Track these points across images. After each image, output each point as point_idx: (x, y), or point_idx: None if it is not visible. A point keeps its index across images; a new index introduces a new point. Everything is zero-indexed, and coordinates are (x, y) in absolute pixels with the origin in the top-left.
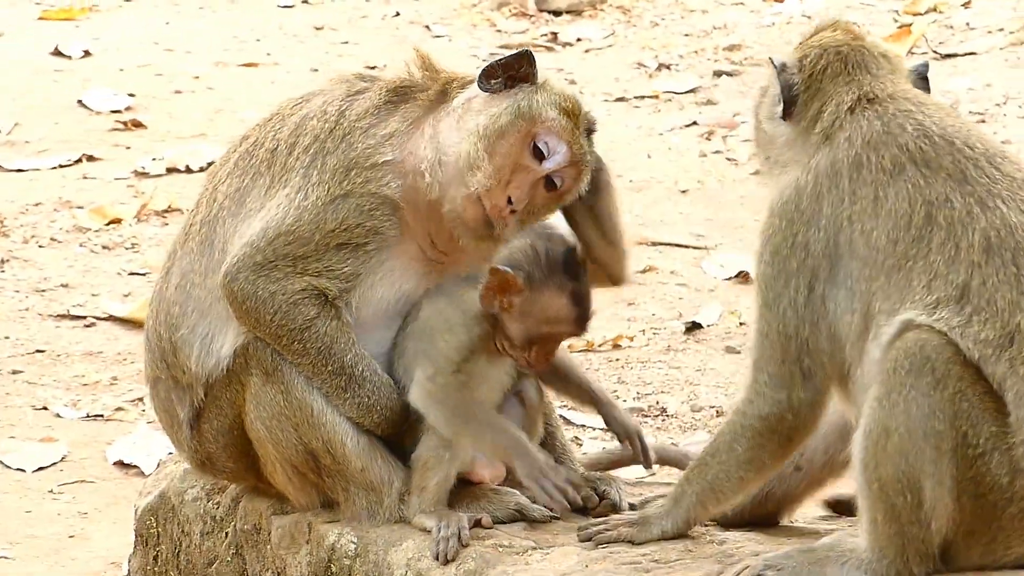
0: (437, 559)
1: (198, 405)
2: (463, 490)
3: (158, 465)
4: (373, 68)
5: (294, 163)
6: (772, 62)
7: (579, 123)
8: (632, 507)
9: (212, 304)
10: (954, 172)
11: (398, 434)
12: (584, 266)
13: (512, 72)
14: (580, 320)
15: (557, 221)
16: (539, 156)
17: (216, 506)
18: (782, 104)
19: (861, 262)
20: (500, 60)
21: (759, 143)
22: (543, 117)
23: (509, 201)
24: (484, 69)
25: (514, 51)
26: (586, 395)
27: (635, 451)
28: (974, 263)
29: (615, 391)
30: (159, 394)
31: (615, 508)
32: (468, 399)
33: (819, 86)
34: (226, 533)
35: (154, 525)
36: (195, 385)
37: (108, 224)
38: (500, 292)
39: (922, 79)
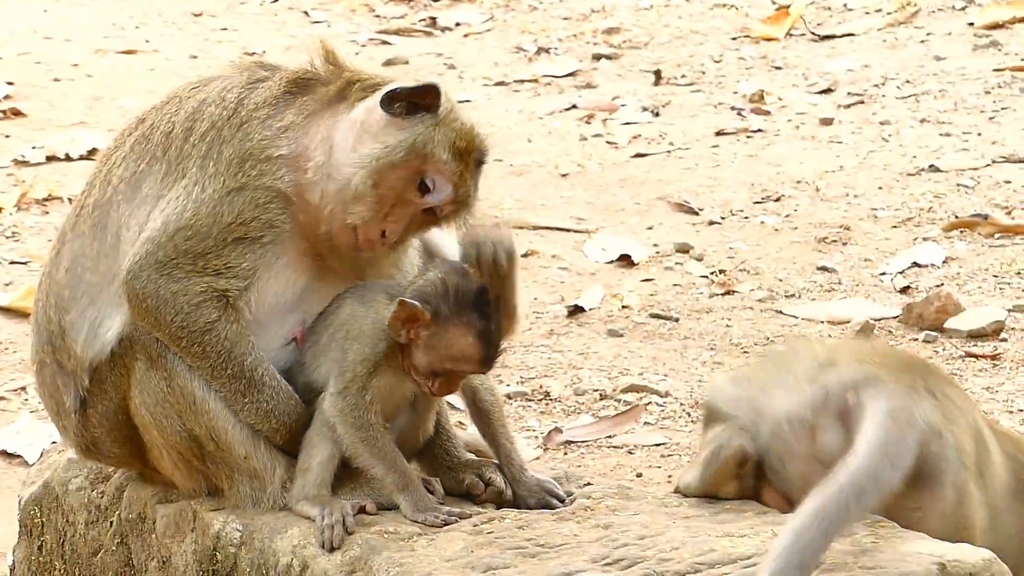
0: (323, 547)
1: (84, 390)
2: (348, 474)
3: (41, 455)
4: (252, 55)
5: (191, 150)
6: None
7: (469, 162)
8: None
9: (103, 289)
10: None
11: (296, 442)
12: (495, 305)
13: (418, 100)
14: (486, 360)
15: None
16: (424, 190)
17: (100, 495)
18: None
19: None
20: (406, 88)
21: None
22: (435, 157)
23: (383, 234)
24: (388, 93)
25: (422, 83)
26: (499, 449)
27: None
28: None
29: (499, 375)
30: (45, 379)
31: (500, 495)
32: (372, 422)
33: None
34: (111, 522)
35: (38, 515)
36: (79, 371)
37: None
38: (407, 324)
39: None
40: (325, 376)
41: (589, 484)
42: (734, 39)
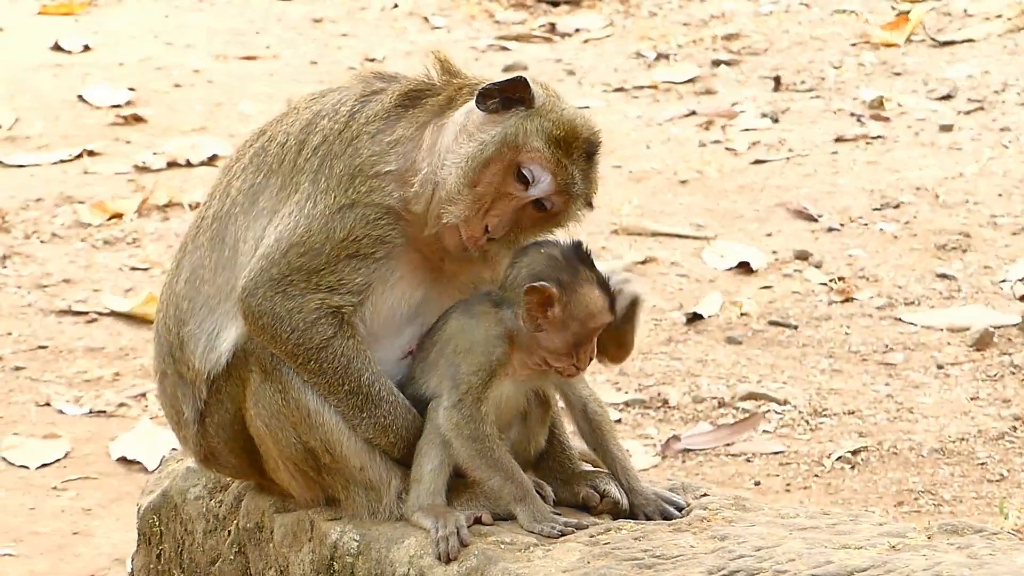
0: (439, 559)
1: (202, 401)
2: (463, 483)
3: (161, 461)
4: (372, 60)
5: (303, 164)
6: None
7: (571, 151)
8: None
9: (220, 301)
10: None
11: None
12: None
13: (509, 94)
14: (611, 304)
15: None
16: (524, 182)
17: (219, 504)
18: None
19: None
20: (496, 83)
21: None
22: (528, 147)
23: (486, 230)
24: (481, 91)
25: (512, 76)
26: (613, 460)
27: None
28: None
29: (616, 383)
30: (166, 389)
31: (616, 505)
32: (487, 433)
33: None
34: (229, 531)
35: (157, 524)
36: (198, 381)
37: (109, 219)
38: (540, 307)
39: None
40: (433, 390)
41: (705, 495)
42: (854, 45)
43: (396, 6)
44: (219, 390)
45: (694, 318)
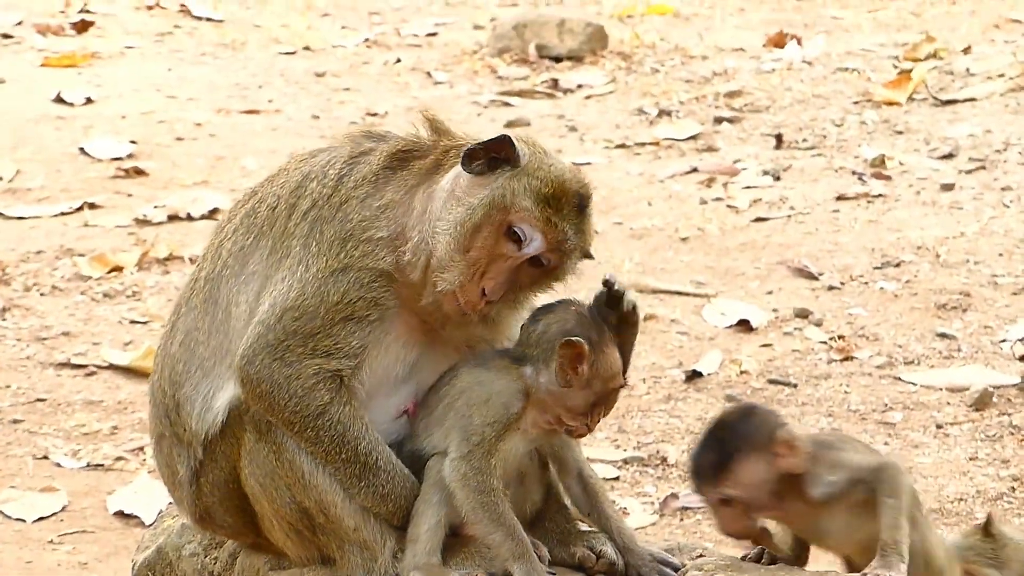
0: None
1: (197, 461)
2: (458, 542)
3: (158, 515)
4: (375, 115)
5: (294, 228)
6: None
7: (561, 206)
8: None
9: (215, 363)
10: None
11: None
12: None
13: (494, 153)
14: (625, 367)
15: None
16: (516, 242)
17: (214, 561)
18: None
19: None
20: (481, 143)
21: None
22: (517, 207)
23: (483, 293)
24: (466, 151)
25: (496, 135)
26: (609, 521)
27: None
28: None
29: (615, 440)
30: (162, 450)
31: (612, 566)
32: (494, 487)
33: None
34: None
35: None
36: (194, 442)
37: (109, 272)
38: (574, 362)
39: None
40: (436, 446)
41: (701, 555)
42: (856, 103)
43: (399, 61)
44: (214, 450)
45: (693, 376)
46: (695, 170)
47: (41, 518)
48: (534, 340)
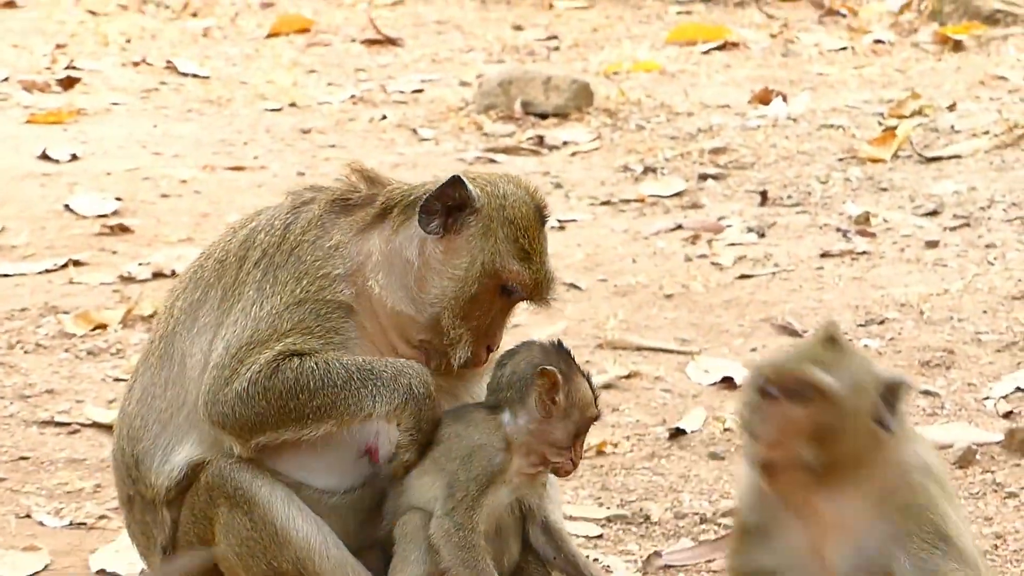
0: None
1: (169, 529)
2: None
3: (140, 573)
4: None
5: (246, 277)
6: (900, 383)
7: (536, 239)
8: None
9: (172, 415)
10: None
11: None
12: None
13: (449, 201)
14: (596, 398)
15: None
16: (510, 293)
17: None
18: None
19: None
20: (433, 193)
21: (855, 437)
22: (507, 270)
23: (489, 349)
24: (422, 206)
25: (443, 181)
26: (579, 562)
27: None
28: None
29: (599, 498)
30: (135, 516)
31: None
32: (476, 543)
33: None
34: None
35: None
36: (158, 500)
37: (93, 330)
38: (551, 391)
39: None
40: (415, 500)
41: None
42: (841, 160)
43: (384, 117)
44: (187, 528)
45: (677, 433)
46: (680, 227)
47: None
48: (505, 383)
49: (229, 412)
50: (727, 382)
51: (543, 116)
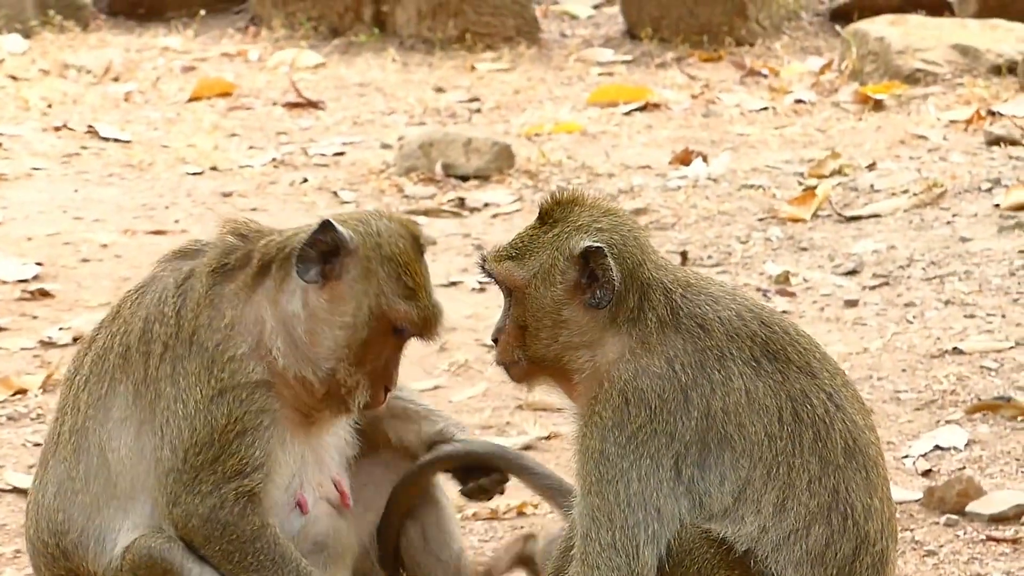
0: None
1: None
2: None
3: None
4: None
5: (155, 372)
6: (591, 250)
7: (419, 273)
8: None
9: (100, 508)
10: (802, 365)
11: None
12: None
13: (323, 247)
14: None
15: None
16: (400, 331)
17: None
18: (603, 290)
19: (737, 453)
20: (306, 241)
21: (557, 326)
22: (393, 310)
23: (386, 390)
24: (297, 256)
25: (312, 227)
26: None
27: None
28: (839, 466)
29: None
30: None
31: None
32: None
33: (632, 271)
34: None
35: None
36: None
37: (13, 395)
38: None
39: None
40: None
41: None
42: (761, 220)
43: (305, 180)
44: None
45: None
46: None
47: None
48: None
49: (186, 519)
50: None
51: (464, 178)
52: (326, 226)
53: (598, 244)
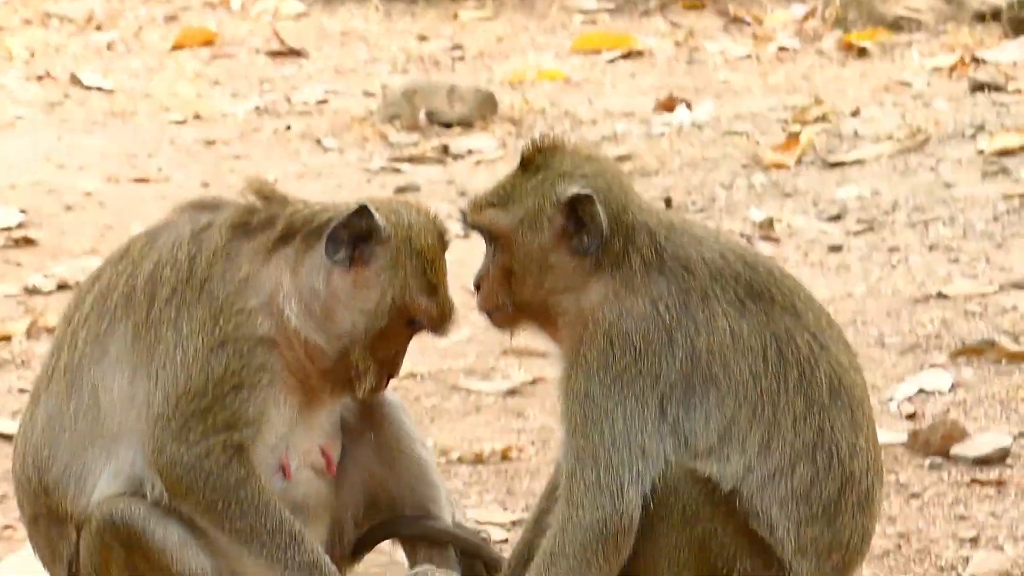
0: None
1: (73, 546)
2: None
3: None
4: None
5: (159, 315)
6: (579, 197)
7: (441, 270)
8: None
9: (85, 447)
10: (786, 306)
11: None
12: None
13: (356, 231)
14: None
15: None
16: (414, 324)
17: None
18: (590, 236)
19: (722, 392)
20: (340, 222)
21: (543, 272)
22: (414, 304)
23: (390, 377)
24: (329, 235)
25: (351, 208)
26: None
27: None
28: (824, 405)
29: (504, 503)
30: (40, 530)
31: None
32: None
33: (616, 215)
34: None
35: None
36: (70, 522)
37: None
38: None
39: None
40: None
41: None
42: (745, 166)
43: (289, 128)
44: (89, 548)
45: None
46: None
47: None
48: None
49: (170, 468)
50: None
51: (447, 125)
52: (363, 211)
53: (587, 191)
